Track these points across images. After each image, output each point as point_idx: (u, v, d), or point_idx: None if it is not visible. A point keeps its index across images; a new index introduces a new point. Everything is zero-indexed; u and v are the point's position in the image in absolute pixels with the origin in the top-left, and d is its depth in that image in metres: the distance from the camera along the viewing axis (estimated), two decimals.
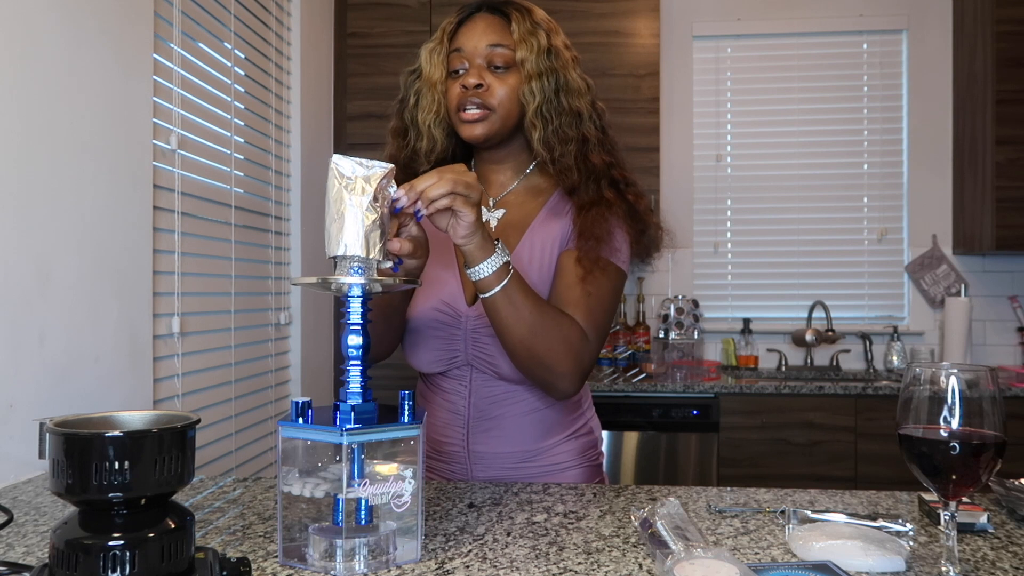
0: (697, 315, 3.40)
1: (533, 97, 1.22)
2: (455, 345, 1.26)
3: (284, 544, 0.83)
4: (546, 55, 1.23)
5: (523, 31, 1.24)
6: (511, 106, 1.24)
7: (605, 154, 1.26)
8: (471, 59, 1.24)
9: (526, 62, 1.23)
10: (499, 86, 1.23)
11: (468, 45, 1.24)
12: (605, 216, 1.22)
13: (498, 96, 1.23)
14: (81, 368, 1.42)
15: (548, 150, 1.24)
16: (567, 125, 1.23)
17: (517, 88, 1.23)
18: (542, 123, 1.23)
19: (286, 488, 0.83)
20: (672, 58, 3.51)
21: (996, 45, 3.03)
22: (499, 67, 1.23)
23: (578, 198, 1.24)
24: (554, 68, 1.24)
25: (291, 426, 0.82)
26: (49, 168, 1.34)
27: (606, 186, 1.25)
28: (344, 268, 0.86)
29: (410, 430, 0.84)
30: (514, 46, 1.23)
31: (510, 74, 1.24)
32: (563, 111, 1.23)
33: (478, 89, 1.22)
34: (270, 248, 2.42)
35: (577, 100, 1.25)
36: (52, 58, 1.35)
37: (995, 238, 3.04)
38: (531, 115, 1.23)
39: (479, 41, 1.24)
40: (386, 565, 0.82)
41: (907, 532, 0.92)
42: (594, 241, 1.19)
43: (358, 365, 0.85)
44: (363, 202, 0.85)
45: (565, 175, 1.24)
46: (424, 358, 1.28)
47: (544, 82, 1.22)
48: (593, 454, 1.35)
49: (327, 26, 2.98)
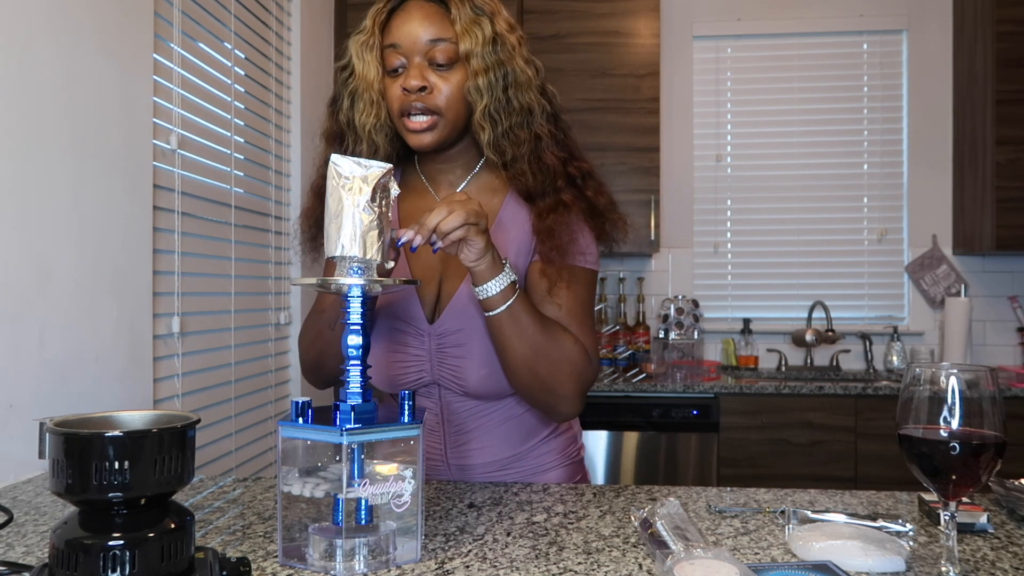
0: (697, 315, 3.40)
1: (480, 96, 1.12)
2: (420, 365, 1.20)
3: (284, 544, 0.83)
4: (491, 46, 1.12)
5: (465, 20, 1.11)
6: (459, 107, 1.14)
7: (559, 149, 1.17)
8: (409, 56, 1.12)
9: (471, 56, 1.11)
10: (444, 85, 1.12)
11: (405, 41, 1.11)
12: (565, 221, 1.14)
13: (444, 97, 1.12)
14: (81, 368, 1.42)
15: (499, 155, 1.14)
16: (518, 126, 1.14)
17: (463, 85, 1.12)
18: (491, 125, 1.13)
19: (286, 488, 0.83)
20: (672, 58, 3.51)
21: (996, 45, 3.03)
22: (442, 65, 1.12)
23: (535, 206, 1.16)
24: (501, 61, 1.12)
25: (291, 426, 0.82)
26: (49, 168, 1.34)
27: (564, 186, 1.16)
28: (343, 268, 0.86)
29: (410, 430, 0.84)
30: (456, 38, 1.11)
31: (454, 71, 1.12)
32: (512, 110, 1.13)
33: (421, 92, 1.11)
34: (270, 248, 2.42)
35: (527, 94, 1.14)
36: (52, 58, 1.35)
37: (995, 238, 3.04)
38: (479, 116, 1.13)
39: (417, 35, 1.11)
40: (386, 565, 0.82)
41: (907, 532, 0.92)
42: (558, 252, 1.13)
43: (358, 365, 0.85)
44: (361, 202, 0.85)
45: (519, 180, 1.15)
46: (391, 381, 1.21)
47: (491, 77, 1.11)
48: (573, 450, 1.32)
49: (327, 26, 2.98)
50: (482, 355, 1.16)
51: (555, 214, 1.14)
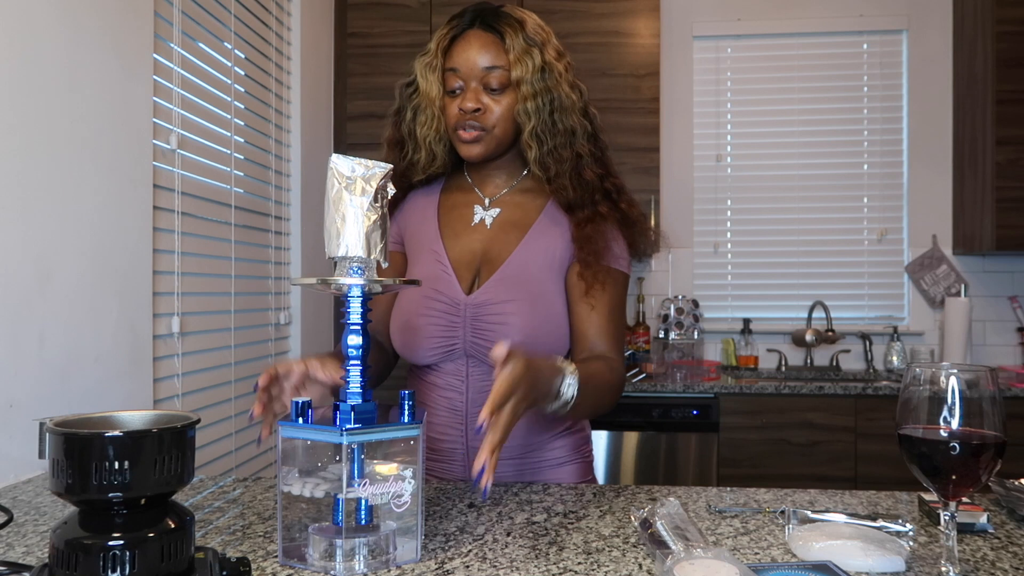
0: (697, 315, 3.40)
1: (528, 118, 1.25)
2: (453, 332, 1.25)
3: (284, 544, 0.84)
4: (540, 74, 1.25)
5: (518, 50, 1.25)
6: (507, 126, 1.27)
7: (597, 166, 1.31)
8: (466, 80, 1.26)
9: (522, 83, 1.25)
10: (495, 107, 1.26)
11: (463, 66, 1.26)
12: (602, 229, 1.26)
13: (495, 118, 1.26)
14: (81, 368, 1.42)
15: (544, 170, 1.28)
16: (561, 146, 1.27)
17: (512, 107, 1.26)
18: (537, 144, 1.26)
19: (286, 488, 0.83)
20: (672, 58, 3.51)
21: (996, 45, 3.03)
22: (495, 89, 1.26)
23: (574, 216, 1.28)
24: (548, 88, 1.26)
25: (291, 426, 0.83)
26: (49, 168, 1.34)
27: (600, 200, 1.29)
28: (344, 268, 0.86)
29: (410, 430, 0.84)
30: (509, 66, 1.25)
31: (505, 95, 1.26)
32: (557, 131, 1.26)
33: (475, 113, 1.25)
34: (270, 248, 2.42)
35: (571, 118, 1.27)
36: (52, 58, 1.35)
37: (995, 238, 3.04)
38: (526, 136, 1.27)
39: (474, 62, 1.25)
40: (386, 565, 0.82)
41: (907, 532, 0.92)
42: (594, 256, 1.24)
43: (358, 365, 0.85)
44: (363, 203, 0.85)
45: (560, 193, 1.28)
46: (421, 347, 1.26)
47: (539, 102, 1.25)
48: (586, 450, 1.36)
49: (327, 26, 2.98)
50: (522, 324, 1.22)
51: (592, 224, 1.26)
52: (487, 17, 1.28)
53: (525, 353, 0.94)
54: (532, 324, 1.22)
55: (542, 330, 1.23)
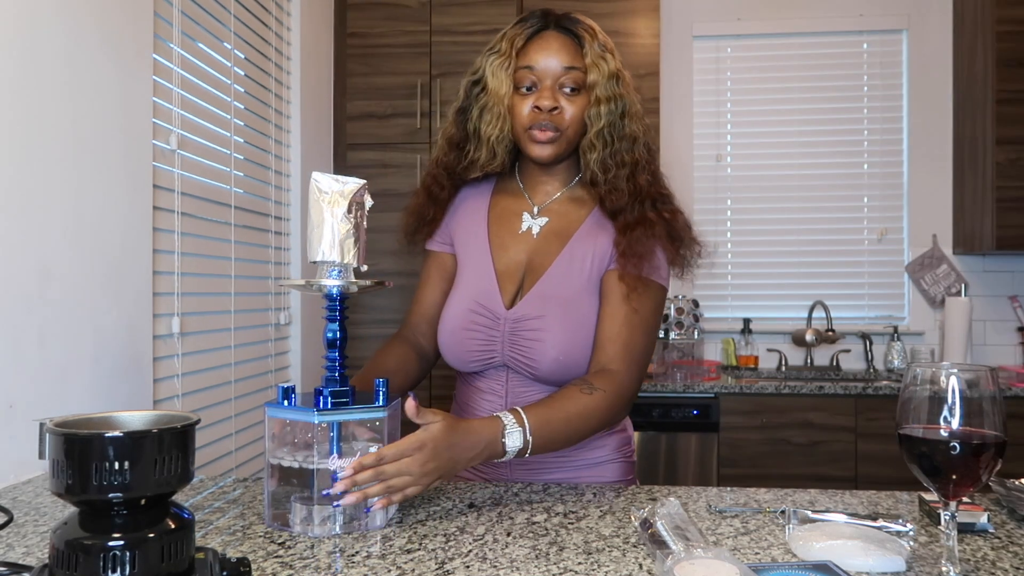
0: (697, 315, 3.40)
1: (599, 119, 1.26)
2: (492, 346, 1.28)
3: (271, 511, 0.97)
4: (615, 81, 1.27)
5: (594, 54, 1.26)
6: (577, 127, 1.28)
7: (649, 174, 1.31)
8: (542, 79, 1.26)
9: (597, 86, 1.26)
10: (570, 107, 1.27)
11: (541, 64, 1.26)
12: (647, 236, 1.26)
13: (568, 118, 1.27)
14: (81, 368, 1.42)
15: (603, 171, 1.28)
16: (625, 149, 1.28)
17: (584, 110, 1.27)
18: (601, 145, 1.27)
19: (273, 461, 0.97)
20: (672, 58, 3.51)
21: (996, 45, 3.03)
22: (570, 90, 1.26)
23: (622, 219, 1.28)
24: (620, 94, 1.27)
25: (275, 407, 0.99)
26: (49, 168, 1.34)
27: (649, 207, 1.29)
28: (324, 271, 1.01)
29: (377, 412, 0.99)
30: (586, 69, 1.26)
31: (580, 96, 1.27)
32: (623, 136, 1.28)
33: (551, 112, 1.25)
34: (270, 248, 2.42)
35: (636, 124, 1.29)
36: (52, 58, 1.35)
37: (995, 238, 3.04)
38: (592, 136, 1.27)
39: (554, 61, 1.26)
40: (357, 528, 0.95)
41: (907, 532, 0.92)
42: (636, 260, 1.24)
43: (335, 355, 1.01)
44: (338, 213, 0.99)
45: (614, 196, 1.28)
46: (461, 358, 1.30)
47: (611, 106, 1.26)
48: (628, 450, 1.37)
49: (327, 26, 2.98)
50: (555, 340, 1.24)
51: (638, 228, 1.26)
52: (563, 20, 1.29)
53: (445, 417, 1.00)
54: (565, 339, 1.23)
55: (576, 343, 1.24)
